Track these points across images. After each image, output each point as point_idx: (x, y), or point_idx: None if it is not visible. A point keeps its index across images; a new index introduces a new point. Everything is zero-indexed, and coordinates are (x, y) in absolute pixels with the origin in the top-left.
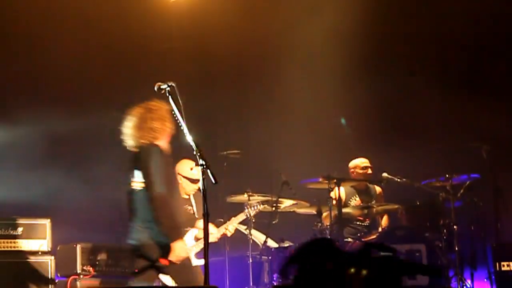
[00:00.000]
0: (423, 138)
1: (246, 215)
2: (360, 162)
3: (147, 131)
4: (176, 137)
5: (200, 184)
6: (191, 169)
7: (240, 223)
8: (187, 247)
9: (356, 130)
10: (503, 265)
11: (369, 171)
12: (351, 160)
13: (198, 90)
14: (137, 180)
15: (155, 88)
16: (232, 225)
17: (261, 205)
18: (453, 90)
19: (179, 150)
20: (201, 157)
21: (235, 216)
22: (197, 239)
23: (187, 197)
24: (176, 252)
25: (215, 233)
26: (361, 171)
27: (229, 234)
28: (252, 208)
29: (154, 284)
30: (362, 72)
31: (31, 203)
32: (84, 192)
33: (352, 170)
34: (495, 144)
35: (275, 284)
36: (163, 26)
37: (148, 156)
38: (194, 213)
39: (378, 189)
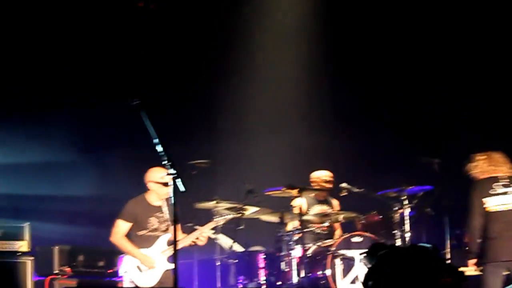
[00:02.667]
0: (379, 151)
1: (216, 223)
2: (323, 175)
3: None
4: (147, 147)
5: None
6: (162, 178)
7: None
8: (160, 251)
9: (316, 142)
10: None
11: (330, 185)
12: (314, 171)
13: (169, 100)
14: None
15: (127, 101)
16: (204, 234)
17: (230, 215)
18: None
19: (149, 159)
20: (172, 166)
21: (204, 223)
22: (169, 244)
23: (159, 203)
24: None
25: (183, 240)
26: (323, 184)
27: (200, 244)
28: (222, 217)
29: None
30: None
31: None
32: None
33: (314, 180)
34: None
35: (241, 286)
36: None
37: None
38: (166, 220)
39: (335, 202)
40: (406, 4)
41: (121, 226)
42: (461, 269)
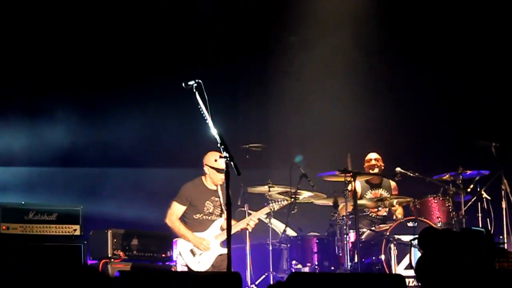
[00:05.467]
0: (435, 134)
1: (270, 209)
2: (371, 157)
3: None
4: (202, 131)
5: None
6: (215, 160)
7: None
8: (214, 235)
9: (370, 125)
10: None
11: (378, 163)
12: (365, 155)
13: (222, 85)
14: None
15: (183, 85)
16: (253, 221)
17: (285, 201)
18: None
19: (205, 143)
20: (225, 149)
21: (257, 207)
22: (222, 229)
23: (215, 188)
24: None
25: (235, 226)
26: (373, 163)
27: (250, 229)
28: (277, 203)
29: None
30: (375, 66)
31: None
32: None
33: (364, 165)
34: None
35: (293, 270)
36: None
37: None
38: (221, 204)
39: (393, 183)
40: None
41: (176, 208)
42: None
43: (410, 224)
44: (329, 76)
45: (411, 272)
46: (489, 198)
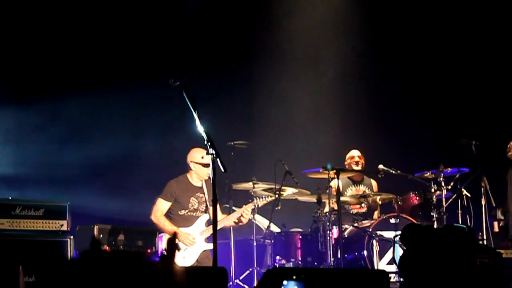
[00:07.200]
0: (416, 132)
1: (255, 205)
2: (352, 154)
3: None
4: (188, 128)
5: (210, 170)
6: (202, 157)
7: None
8: (199, 231)
9: (354, 123)
10: None
11: (360, 161)
12: (347, 152)
13: (206, 82)
14: None
15: (170, 82)
16: (246, 212)
17: (270, 197)
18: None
19: (191, 140)
20: (212, 146)
21: (242, 204)
22: (208, 224)
23: (200, 184)
24: None
25: (223, 221)
26: (357, 160)
27: (244, 221)
28: (261, 199)
29: None
30: (359, 67)
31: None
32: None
33: (346, 161)
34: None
35: (277, 265)
36: None
37: None
38: (206, 200)
39: (374, 182)
40: None
41: (161, 205)
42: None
43: (392, 220)
44: (314, 74)
45: (393, 268)
46: (469, 195)
